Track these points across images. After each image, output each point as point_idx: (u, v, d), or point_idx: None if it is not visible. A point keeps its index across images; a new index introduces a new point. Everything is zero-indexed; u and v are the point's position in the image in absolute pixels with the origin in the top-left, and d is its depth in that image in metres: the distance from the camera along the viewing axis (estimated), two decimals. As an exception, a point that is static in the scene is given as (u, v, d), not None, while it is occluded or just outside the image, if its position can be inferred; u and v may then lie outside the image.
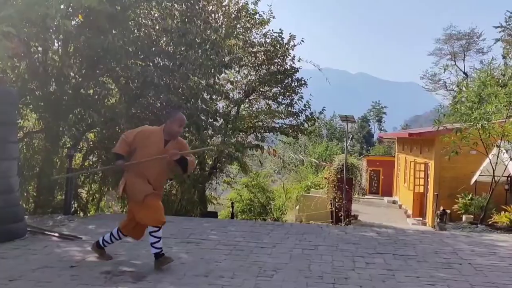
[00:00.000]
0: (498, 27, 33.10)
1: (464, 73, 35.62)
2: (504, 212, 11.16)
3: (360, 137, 60.27)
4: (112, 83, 10.16)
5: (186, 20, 10.38)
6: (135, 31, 10.08)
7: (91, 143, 10.93)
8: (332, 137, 47.48)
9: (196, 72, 10.15)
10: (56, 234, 6.54)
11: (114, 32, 9.35)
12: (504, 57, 27.83)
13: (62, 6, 9.29)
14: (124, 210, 11.41)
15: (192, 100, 9.97)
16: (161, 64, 10.20)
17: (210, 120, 10.23)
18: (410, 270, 5.29)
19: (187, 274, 4.88)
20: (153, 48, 9.91)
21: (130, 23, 9.89)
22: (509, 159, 10.98)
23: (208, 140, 12.16)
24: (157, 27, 10.19)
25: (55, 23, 8.51)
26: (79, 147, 10.67)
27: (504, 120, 10.14)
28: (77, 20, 9.90)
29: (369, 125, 66.75)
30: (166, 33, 10.09)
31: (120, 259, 5.42)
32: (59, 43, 9.91)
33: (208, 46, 10.29)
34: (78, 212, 10.18)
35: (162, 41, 10.67)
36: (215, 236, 6.83)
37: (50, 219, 7.78)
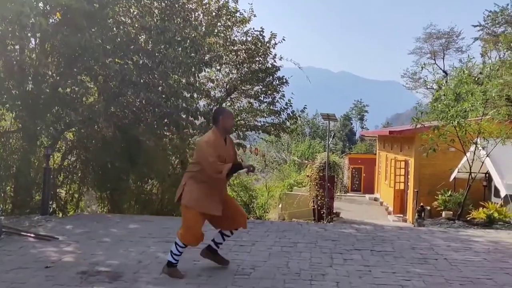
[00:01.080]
0: (477, 26, 33.59)
1: (444, 71, 36.08)
2: (482, 208, 11.34)
3: (342, 135, 60.65)
4: (91, 82, 10.05)
5: (166, 18, 10.31)
6: (114, 28, 9.98)
7: (69, 142, 10.82)
8: (314, 135, 47.67)
9: (176, 70, 10.10)
10: (32, 235, 6.45)
11: (92, 30, 9.26)
12: (482, 56, 28.33)
13: (40, 4, 9.20)
14: (104, 210, 11.30)
15: (172, 98, 9.91)
16: (140, 62, 10.13)
17: (191, 118, 10.17)
18: (387, 266, 5.35)
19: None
20: (132, 46, 9.82)
21: (108, 21, 9.80)
22: (486, 156, 11.16)
23: (190, 139, 12.12)
24: (136, 25, 10.10)
25: (31, 21, 8.37)
26: (58, 146, 10.54)
27: (480, 117, 10.30)
28: (54, 18, 9.78)
29: (351, 123, 67.20)
30: (144, 31, 10.01)
31: (97, 259, 5.37)
32: (36, 41, 9.77)
33: (188, 44, 10.23)
34: (57, 212, 10.06)
35: (141, 39, 10.59)
36: (194, 235, 6.80)
37: (26, 220, 7.67)
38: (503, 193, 13.25)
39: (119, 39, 9.66)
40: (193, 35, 10.52)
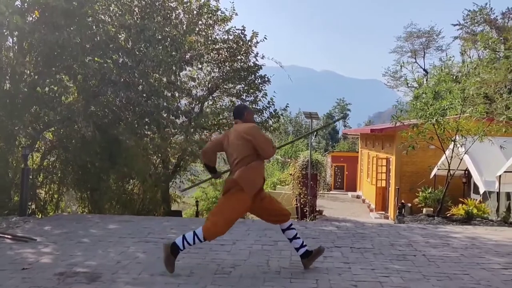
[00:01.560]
0: (456, 25, 34.03)
1: (424, 70, 36.49)
2: (462, 205, 11.50)
3: (325, 134, 60.95)
4: (69, 81, 9.93)
5: (146, 16, 10.24)
6: (94, 27, 9.88)
7: (48, 142, 10.68)
8: (298, 134, 47.83)
9: (156, 69, 10.04)
10: (9, 236, 6.34)
11: (70, 28, 9.15)
12: (462, 54, 28.72)
13: (16, 3, 9.06)
14: (84, 211, 11.19)
15: (153, 97, 9.85)
16: (120, 61, 10.05)
17: (172, 117, 10.13)
18: (366, 263, 5.38)
19: (142, 273, 4.81)
20: (111, 45, 9.73)
21: (88, 19, 9.69)
22: (464, 153, 11.32)
23: (172, 138, 12.07)
24: (115, 23, 10.01)
25: (7, 19, 8.23)
26: (37, 146, 10.40)
27: (459, 115, 10.45)
28: (33, 16, 9.64)
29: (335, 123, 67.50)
30: (124, 29, 9.93)
31: (75, 260, 5.30)
32: (13, 39, 9.63)
33: (168, 43, 10.18)
34: (36, 213, 9.92)
35: (121, 38, 10.50)
36: (175, 235, 6.74)
37: (4, 221, 7.55)
38: (482, 190, 13.47)
39: (98, 38, 9.56)
40: (173, 33, 10.46)
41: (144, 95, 10.07)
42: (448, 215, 11.16)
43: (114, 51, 9.84)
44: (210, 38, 13.23)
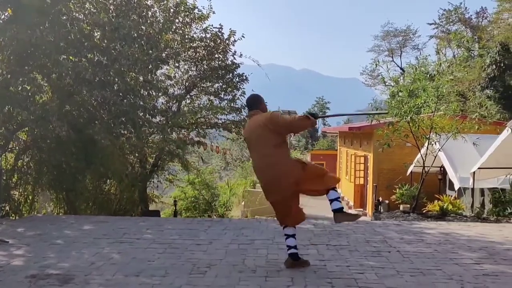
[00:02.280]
0: (432, 24, 34.60)
1: (401, 68, 36.96)
2: (437, 201, 11.67)
3: (305, 132, 61.18)
4: (43, 80, 9.76)
5: (121, 14, 10.11)
6: (68, 25, 9.72)
7: (22, 142, 10.48)
8: (277, 132, 47.85)
9: (132, 68, 9.94)
10: (-20, 239, 6.21)
11: (44, 26, 9.00)
12: (437, 53, 29.15)
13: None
14: (60, 212, 11.03)
15: (128, 96, 9.75)
16: (95, 59, 9.91)
17: (148, 116, 10.04)
18: (342, 260, 5.42)
19: (116, 274, 4.76)
20: (86, 43, 9.59)
21: (63, 18, 9.54)
22: (438, 150, 11.50)
23: (149, 137, 11.96)
24: (90, 21, 9.87)
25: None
26: (10, 147, 10.20)
27: (433, 113, 10.60)
28: (5, 14, 9.45)
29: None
30: (98, 28, 9.79)
31: (48, 262, 5.21)
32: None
33: (144, 41, 10.08)
34: (10, 214, 9.74)
35: (97, 36, 10.36)
36: (150, 235, 6.73)
37: (-25, 224, 7.39)
38: (456, 186, 13.72)
39: (72, 36, 9.42)
40: (149, 31, 10.37)
41: (120, 94, 9.95)
42: (424, 211, 11.32)
43: (88, 49, 9.70)
44: (187, 37, 13.15)
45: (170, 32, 12.07)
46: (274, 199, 4.98)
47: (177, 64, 12.98)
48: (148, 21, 10.73)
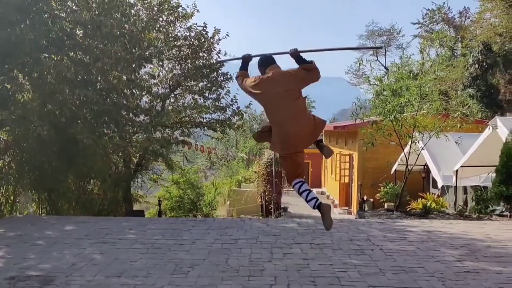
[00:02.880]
0: (416, 23, 34.90)
1: (386, 68, 37.22)
2: (421, 199, 11.77)
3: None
4: (24, 78, 9.60)
5: (103, 12, 9.99)
6: (50, 23, 9.58)
7: (3, 142, 10.31)
8: (263, 131, 47.87)
9: (115, 66, 9.83)
10: (-42, 241, 6.09)
11: (25, 24, 8.85)
12: (421, 52, 29.44)
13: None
14: (42, 212, 10.86)
15: (111, 95, 9.64)
16: (78, 58, 9.78)
17: (131, 116, 9.94)
18: (325, 259, 5.43)
19: (98, 275, 4.71)
20: (68, 41, 9.46)
21: (45, 16, 9.40)
22: (421, 148, 11.60)
23: (133, 137, 11.85)
24: (71, 19, 9.73)
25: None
26: (-10, 147, 10.03)
27: (416, 112, 10.68)
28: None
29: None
30: (80, 26, 9.66)
31: (28, 263, 5.13)
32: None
33: (126, 40, 9.97)
34: (-9, 215, 9.57)
35: (79, 34, 10.22)
36: (133, 235, 6.66)
37: (-47, 225, 7.25)
38: (440, 184, 13.86)
39: (53, 34, 9.28)
40: (132, 30, 10.26)
41: (103, 93, 9.83)
42: (407, 209, 11.40)
43: (70, 48, 9.56)
44: (171, 35, 13.05)
45: (154, 31, 11.96)
46: (297, 150, 5.01)
47: (161, 63, 12.85)
48: (131, 20, 10.60)
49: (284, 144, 4.94)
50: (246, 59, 5.24)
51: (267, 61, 5.00)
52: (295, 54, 4.91)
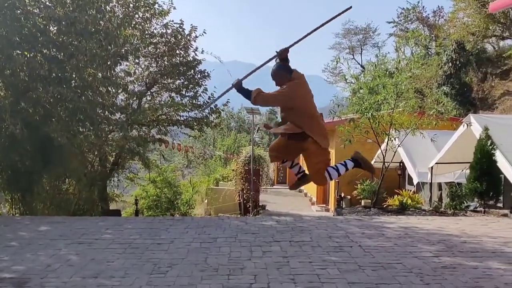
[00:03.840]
0: (391, 22, 35.32)
1: (362, 66, 37.58)
2: (397, 196, 11.92)
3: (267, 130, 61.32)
4: (-5, 76, 9.36)
5: (77, 8, 9.79)
6: (22, 19, 9.34)
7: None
8: (240, 129, 47.90)
9: (90, 64, 9.65)
10: None
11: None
12: (396, 51, 29.79)
13: None
14: (16, 213, 10.62)
15: (86, 93, 9.46)
16: (51, 55, 9.57)
17: (107, 114, 9.78)
18: (304, 256, 5.43)
19: (74, 276, 4.60)
20: (41, 38, 9.25)
21: (17, 11, 9.16)
22: (398, 146, 11.74)
23: (108, 135, 11.66)
24: (44, 15, 9.51)
25: None
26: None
27: (392, 109, 10.80)
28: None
29: (276, 117, 68.21)
30: (54, 22, 9.45)
31: (1, 265, 5.00)
32: None
33: (102, 36, 9.79)
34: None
35: (52, 31, 10.00)
36: (110, 235, 6.55)
37: None
38: (415, 181, 14.06)
39: (26, 31, 9.06)
40: (108, 26, 10.09)
41: (78, 90, 9.65)
42: (384, 206, 11.53)
43: (44, 44, 9.35)
44: (147, 32, 12.88)
45: (130, 28, 11.78)
46: None
47: (137, 60, 12.69)
48: (107, 16, 10.41)
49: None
50: (239, 86, 5.42)
51: (289, 68, 5.30)
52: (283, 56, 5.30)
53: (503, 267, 4.99)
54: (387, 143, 11.21)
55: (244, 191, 18.24)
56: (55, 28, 9.94)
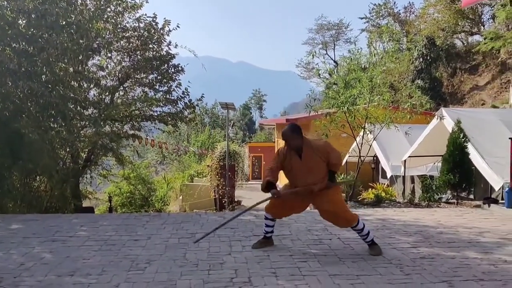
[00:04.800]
0: (363, 18, 35.71)
1: (335, 61, 37.88)
2: (371, 189, 12.04)
3: (242, 125, 61.46)
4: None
5: (48, 1, 9.51)
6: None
7: None
8: (215, 125, 47.74)
9: (61, 58, 9.39)
10: None
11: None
12: (368, 46, 30.13)
13: None
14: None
15: (57, 87, 9.20)
16: (21, 48, 9.27)
17: (79, 109, 9.54)
18: (285, 249, 5.42)
19: (49, 274, 4.46)
20: (10, 31, 8.95)
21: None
22: (373, 139, 11.85)
23: (81, 131, 11.40)
24: (12, 8, 9.21)
25: None
26: None
27: (367, 103, 10.88)
28: None
29: (251, 113, 68.37)
30: (23, 15, 9.16)
31: (-28, 266, 4.81)
32: None
33: (73, 30, 9.54)
34: None
35: (22, 24, 9.69)
36: (85, 232, 6.40)
37: None
38: (389, 174, 14.25)
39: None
40: (79, 19, 9.83)
41: (49, 85, 9.38)
42: (359, 199, 11.63)
43: (13, 38, 9.05)
44: (119, 26, 12.61)
45: (102, 21, 11.52)
46: None
47: (109, 55, 12.42)
48: (78, 9, 10.16)
49: None
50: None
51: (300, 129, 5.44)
52: None
53: (479, 257, 5.08)
54: (363, 137, 11.30)
55: (220, 187, 18.16)
56: (25, 21, 9.64)
